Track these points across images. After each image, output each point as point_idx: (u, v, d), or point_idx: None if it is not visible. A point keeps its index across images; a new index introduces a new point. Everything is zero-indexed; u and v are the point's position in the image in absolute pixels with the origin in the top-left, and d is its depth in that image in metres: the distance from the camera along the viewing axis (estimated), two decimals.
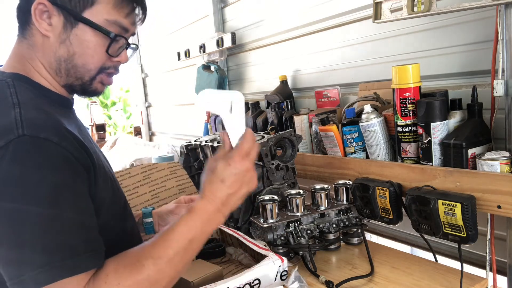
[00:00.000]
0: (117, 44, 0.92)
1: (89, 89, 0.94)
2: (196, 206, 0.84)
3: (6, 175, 0.72)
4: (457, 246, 1.16)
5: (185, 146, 1.83)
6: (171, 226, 0.83)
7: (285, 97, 1.97)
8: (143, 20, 0.97)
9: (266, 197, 1.33)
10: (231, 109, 0.86)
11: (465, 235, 1.12)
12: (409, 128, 1.30)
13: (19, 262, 0.71)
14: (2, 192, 0.72)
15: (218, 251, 1.37)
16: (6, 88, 0.84)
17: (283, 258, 1.08)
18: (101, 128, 5.34)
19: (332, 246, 1.37)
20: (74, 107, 1.02)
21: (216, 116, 2.53)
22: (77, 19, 0.86)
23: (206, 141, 1.72)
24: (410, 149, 1.32)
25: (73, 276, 0.72)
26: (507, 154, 1.12)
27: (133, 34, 0.97)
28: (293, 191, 1.37)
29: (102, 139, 5.16)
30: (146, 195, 1.43)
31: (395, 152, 1.40)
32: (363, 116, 1.43)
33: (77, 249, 0.74)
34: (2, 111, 0.79)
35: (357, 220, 1.40)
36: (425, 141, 1.26)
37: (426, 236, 1.28)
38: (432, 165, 1.25)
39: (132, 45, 0.98)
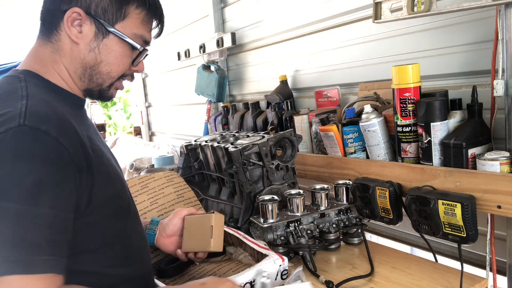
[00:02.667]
0: (140, 56, 0.99)
1: (105, 95, 0.99)
2: None
3: None
4: (457, 246, 1.16)
5: (185, 146, 1.84)
6: None
7: (285, 97, 1.97)
8: (159, 34, 1.04)
9: (266, 197, 1.33)
10: None
11: (465, 235, 1.12)
12: (409, 128, 1.30)
13: None
14: None
15: None
16: (17, 82, 0.86)
17: (284, 257, 1.08)
18: (101, 128, 5.36)
19: (332, 246, 1.37)
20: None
21: (217, 116, 2.53)
22: (109, 30, 0.92)
23: (206, 141, 1.72)
24: (410, 149, 1.32)
25: (29, 274, 0.71)
26: (507, 154, 1.12)
27: (149, 45, 1.04)
28: (293, 191, 1.37)
29: None
30: (145, 202, 1.43)
31: (395, 152, 1.40)
32: (363, 116, 1.43)
33: (40, 248, 0.73)
34: (11, 102, 0.80)
35: (357, 220, 1.40)
36: (425, 141, 1.26)
37: (426, 236, 1.28)
38: (432, 165, 1.25)
39: (148, 54, 1.04)
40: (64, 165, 0.78)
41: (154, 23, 1.00)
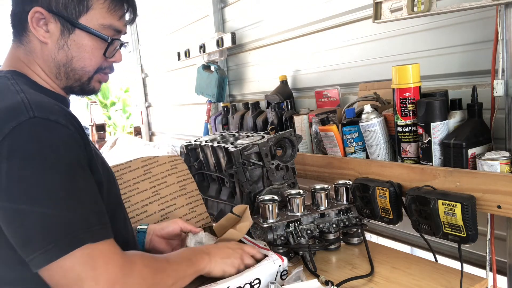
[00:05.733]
0: (112, 46, 0.97)
1: (87, 89, 0.99)
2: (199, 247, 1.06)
3: (24, 153, 0.75)
4: (457, 246, 1.16)
5: (185, 146, 1.83)
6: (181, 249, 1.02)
7: (285, 97, 1.96)
8: (133, 20, 1.02)
9: (266, 197, 1.33)
10: None
11: (465, 235, 1.12)
12: (409, 128, 1.30)
13: (41, 233, 0.74)
14: (23, 168, 0.74)
15: None
16: (6, 80, 0.87)
17: (283, 257, 1.08)
18: (101, 128, 5.35)
19: (332, 246, 1.37)
20: (73, 107, 1.04)
21: (217, 116, 2.53)
22: (74, 25, 0.91)
23: (206, 141, 1.72)
24: (410, 149, 1.32)
25: (93, 243, 0.76)
26: (507, 154, 1.12)
27: (125, 33, 1.02)
28: (293, 191, 1.37)
29: (102, 139, 5.17)
30: (147, 192, 1.40)
31: (395, 152, 1.40)
32: (363, 116, 1.43)
33: (92, 220, 0.78)
34: (7, 95, 0.82)
35: (357, 220, 1.39)
36: (425, 141, 1.26)
37: (426, 236, 1.28)
38: (432, 165, 1.25)
39: (124, 44, 1.02)
40: (79, 147, 0.82)
41: (123, 10, 0.98)
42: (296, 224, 1.32)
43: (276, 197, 1.32)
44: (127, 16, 1.00)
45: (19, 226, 0.75)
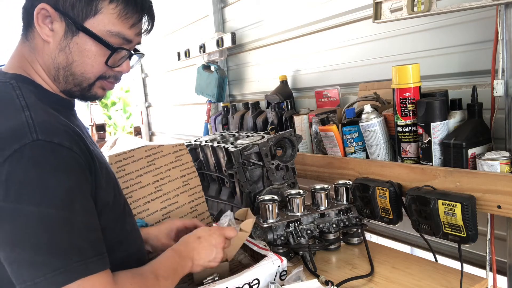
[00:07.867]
0: (118, 55, 0.92)
1: (88, 95, 0.94)
2: (175, 247, 1.01)
3: (23, 178, 0.73)
4: (457, 246, 1.16)
5: (185, 146, 1.83)
6: (163, 254, 0.98)
7: (285, 97, 1.97)
8: (149, 30, 0.96)
9: (266, 197, 1.33)
10: None
11: (465, 235, 1.12)
12: (409, 128, 1.30)
13: (34, 264, 0.72)
14: (20, 194, 0.72)
15: None
16: (11, 90, 0.83)
17: (283, 258, 1.08)
18: (101, 128, 5.36)
19: (332, 246, 1.37)
20: (75, 107, 1.02)
21: (217, 116, 2.53)
22: (78, 27, 0.85)
23: (206, 141, 1.72)
24: (410, 149, 1.32)
25: (86, 277, 0.74)
26: (507, 154, 1.12)
27: (139, 43, 0.95)
28: (293, 191, 1.37)
29: (102, 139, 5.17)
30: (150, 187, 1.37)
31: (395, 152, 1.40)
32: (363, 116, 1.43)
33: (87, 252, 0.76)
34: (11, 113, 0.78)
35: (357, 220, 1.39)
36: (425, 141, 1.26)
37: (426, 236, 1.28)
38: (432, 165, 1.25)
39: (138, 54, 0.96)
40: (82, 171, 0.80)
41: (136, 18, 0.90)
42: (296, 224, 1.32)
43: (276, 197, 1.32)
44: (143, 25, 0.93)
45: (10, 251, 0.73)
